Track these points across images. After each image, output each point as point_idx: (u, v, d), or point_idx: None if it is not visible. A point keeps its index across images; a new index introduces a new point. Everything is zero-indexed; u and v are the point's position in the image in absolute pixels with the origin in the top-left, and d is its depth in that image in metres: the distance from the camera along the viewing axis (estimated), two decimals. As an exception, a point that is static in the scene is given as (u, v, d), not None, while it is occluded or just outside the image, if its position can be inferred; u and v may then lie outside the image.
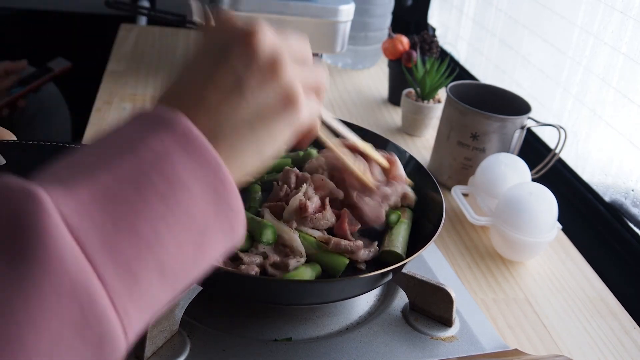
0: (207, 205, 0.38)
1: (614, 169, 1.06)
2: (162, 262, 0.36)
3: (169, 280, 0.37)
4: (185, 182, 0.37)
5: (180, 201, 0.37)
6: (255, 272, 0.68)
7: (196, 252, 0.38)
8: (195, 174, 0.38)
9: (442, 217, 0.74)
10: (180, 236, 0.37)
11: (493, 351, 0.71)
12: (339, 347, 0.68)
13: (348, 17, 1.33)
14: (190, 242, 0.38)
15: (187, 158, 0.38)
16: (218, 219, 0.39)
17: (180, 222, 0.37)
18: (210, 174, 0.39)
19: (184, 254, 0.38)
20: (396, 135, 1.30)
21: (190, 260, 0.38)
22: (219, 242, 0.40)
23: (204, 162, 0.38)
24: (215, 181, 0.39)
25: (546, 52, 1.26)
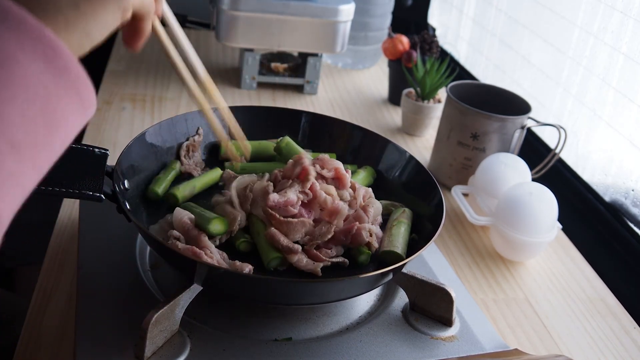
0: (42, 72, 0.38)
1: (614, 169, 1.06)
2: (10, 136, 0.36)
3: (25, 155, 0.37)
4: (12, 54, 0.37)
5: (10, 74, 0.37)
6: (249, 270, 0.69)
7: (45, 121, 0.38)
8: (20, 44, 0.37)
9: (442, 217, 0.74)
10: (22, 107, 0.37)
11: (493, 351, 0.71)
12: (339, 347, 0.68)
13: (348, 17, 1.33)
14: (35, 112, 0.38)
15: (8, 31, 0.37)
16: (58, 84, 0.39)
17: (17, 93, 0.37)
18: (36, 41, 0.38)
19: (34, 124, 0.37)
20: (396, 135, 1.30)
21: (42, 129, 0.38)
22: (69, 108, 0.40)
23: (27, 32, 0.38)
24: (43, 48, 0.38)
25: (546, 52, 1.26)
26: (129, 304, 0.68)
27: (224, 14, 1.28)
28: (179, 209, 0.74)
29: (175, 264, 0.68)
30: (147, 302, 0.66)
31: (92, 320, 0.65)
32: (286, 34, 1.31)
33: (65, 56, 0.40)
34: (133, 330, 0.62)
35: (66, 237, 0.86)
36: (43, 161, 0.39)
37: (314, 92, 1.42)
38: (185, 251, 0.67)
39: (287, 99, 1.38)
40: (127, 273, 0.73)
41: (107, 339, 0.63)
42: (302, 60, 1.42)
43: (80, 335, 0.63)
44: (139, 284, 0.72)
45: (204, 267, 0.64)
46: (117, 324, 0.65)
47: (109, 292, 0.70)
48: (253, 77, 1.38)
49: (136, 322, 0.61)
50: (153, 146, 0.83)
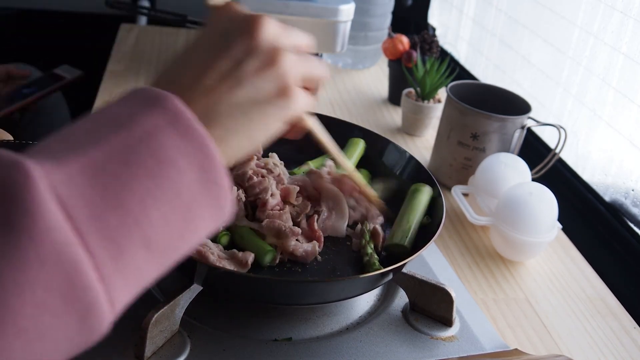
0: (194, 181, 0.39)
1: (614, 169, 1.06)
2: (148, 236, 0.37)
3: (155, 254, 0.38)
4: (173, 158, 0.38)
5: (167, 177, 0.38)
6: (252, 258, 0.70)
7: (183, 227, 0.39)
8: (182, 151, 0.39)
9: (442, 217, 0.74)
10: (167, 211, 0.38)
11: (493, 351, 0.71)
12: (339, 347, 0.68)
13: (348, 17, 1.33)
14: (177, 217, 0.39)
15: (175, 135, 0.39)
16: (205, 194, 0.40)
17: (167, 197, 0.38)
18: (197, 150, 0.39)
19: (171, 229, 0.38)
20: (396, 135, 1.30)
21: (177, 235, 0.39)
22: (207, 218, 0.41)
23: (191, 139, 0.39)
24: (202, 158, 0.40)
25: (546, 52, 1.26)
26: (129, 303, 0.68)
27: (224, 14, 1.28)
28: None
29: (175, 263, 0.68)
30: (147, 302, 0.66)
31: (92, 320, 0.65)
32: (286, 34, 1.31)
33: (219, 169, 0.41)
34: (133, 330, 0.62)
35: (66, 237, 0.86)
36: (168, 263, 0.40)
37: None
38: (188, 251, 0.67)
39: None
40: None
41: (107, 339, 0.63)
42: (302, 60, 1.41)
43: (80, 335, 0.63)
44: (139, 284, 0.72)
45: (204, 267, 0.64)
46: (117, 324, 0.65)
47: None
48: (253, 77, 1.38)
49: (136, 322, 0.61)
50: (153, 146, 0.82)
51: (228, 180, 0.42)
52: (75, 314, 0.34)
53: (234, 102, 0.44)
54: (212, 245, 0.71)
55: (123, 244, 0.36)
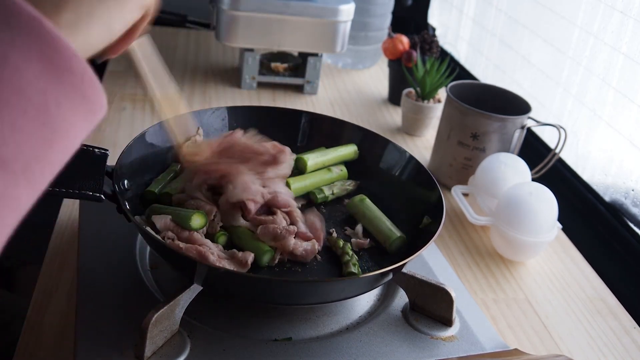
0: (38, 74, 0.33)
1: (614, 169, 1.06)
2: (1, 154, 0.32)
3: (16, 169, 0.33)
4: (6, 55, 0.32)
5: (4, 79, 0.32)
6: (252, 258, 0.70)
7: (42, 131, 0.34)
8: (13, 42, 0.33)
9: (442, 217, 0.74)
10: (11, 117, 0.32)
11: (493, 351, 0.71)
12: (339, 347, 0.68)
13: (348, 17, 1.33)
14: (28, 121, 0.33)
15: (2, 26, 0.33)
16: (58, 87, 0.34)
17: (6, 101, 0.32)
18: (32, 37, 0.33)
19: (25, 136, 0.33)
20: (396, 135, 1.30)
21: (37, 142, 0.34)
22: (72, 114, 0.35)
23: (20, 26, 0.33)
24: (40, 45, 0.33)
25: (546, 52, 1.26)
26: (129, 304, 0.68)
27: (224, 14, 1.28)
28: (155, 215, 0.73)
29: (175, 264, 0.68)
30: (147, 302, 0.66)
31: (92, 320, 0.65)
32: (286, 34, 1.31)
33: (67, 53, 0.35)
34: (133, 330, 0.62)
35: (66, 237, 0.86)
36: (40, 177, 0.35)
37: (314, 92, 1.42)
38: (190, 251, 0.67)
39: (287, 99, 1.38)
40: (127, 273, 0.73)
41: (107, 339, 0.63)
42: (302, 60, 1.42)
43: (80, 335, 0.63)
44: (139, 284, 0.72)
45: (204, 267, 0.64)
46: (117, 324, 0.65)
47: (109, 292, 0.70)
48: (253, 77, 1.38)
49: (136, 322, 0.61)
50: (153, 146, 0.83)
51: (86, 64, 0.36)
52: None
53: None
54: (212, 245, 0.71)
55: None
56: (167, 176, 0.81)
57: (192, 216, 0.72)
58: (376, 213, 0.82)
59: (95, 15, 0.40)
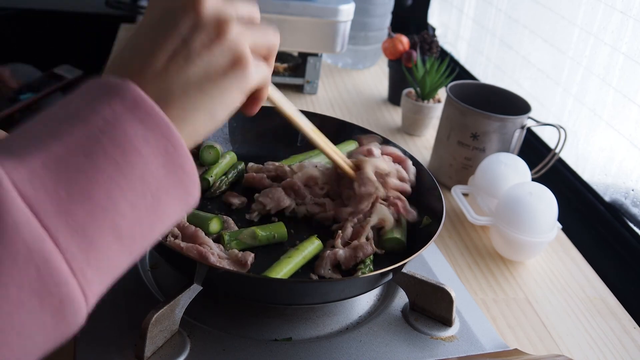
0: (159, 168, 0.39)
1: (614, 169, 1.06)
2: (117, 225, 0.37)
3: (125, 243, 0.38)
4: (136, 146, 0.38)
5: (132, 165, 0.38)
6: (252, 259, 0.71)
7: (151, 214, 0.39)
8: (146, 138, 0.38)
9: (442, 217, 0.74)
10: (134, 199, 0.38)
11: (493, 351, 0.71)
12: (339, 347, 0.68)
13: (348, 17, 1.33)
14: (145, 205, 0.38)
15: (137, 123, 0.38)
16: (171, 180, 0.40)
17: (133, 185, 0.38)
18: (161, 136, 0.39)
19: (139, 217, 0.38)
20: (396, 135, 1.30)
21: (146, 223, 0.39)
22: (174, 204, 0.41)
23: (153, 126, 0.39)
24: (165, 144, 0.39)
25: (546, 52, 1.26)
26: (129, 304, 0.68)
27: (224, 14, 1.28)
28: None
29: (175, 264, 0.68)
30: (147, 302, 0.66)
31: (92, 320, 0.65)
32: (286, 34, 1.31)
33: (184, 154, 0.40)
34: (133, 330, 0.62)
35: (66, 237, 0.86)
36: (139, 250, 0.40)
37: (314, 92, 1.42)
38: (190, 251, 0.67)
39: (287, 98, 1.38)
40: (127, 273, 0.72)
41: (107, 339, 0.63)
42: (302, 60, 1.42)
43: (80, 335, 0.63)
44: (139, 284, 0.72)
45: (204, 267, 0.64)
46: (117, 324, 0.65)
47: (109, 292, 0.69)
48: (253, 77, 1.38)
49: (136, 322, 0.61)
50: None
51: (193, 163, 0.41)
52: (50, 309, 0.34)
53: (186, 79, 0.43)
54: (212, 245, 0.71)
55: (92, 235, 0.36)
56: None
57: (212, 221, 0.74)
58: None
59: (199, 108, 0.44)
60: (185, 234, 0.71)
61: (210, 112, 0.45)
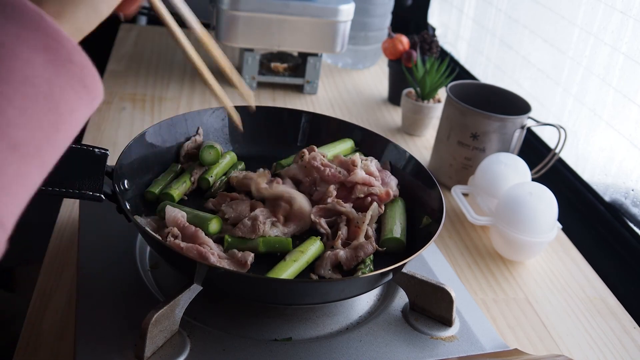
0: (44, 66, 0.36)
1: (614, 169, 1.06)
2: (11, 137, 0.34)
3: (27, 152, 0.35)
4: (11, 47, 0.35)
5: (11, 69, 0.35)
6: (252, 258, 0.70)
7: (49, 116, 0.37)
8: (18, 36, 0.35)
9: (442, 217, 0.74)
10: (25, 105, 0.35)
11: (493, 351, 0.71)
12: (339, 347, 0.68)
13: (348, 17, 1.33)
14: (38, 108, 0.36)
15: (5, 22, 0.35)
16: (62, 77, 0.37)
17: (17, 91, 0.35)
18: (36, 32, 0.36)
19: (35, 122, 0.36)
20: (396, 135, 1.30)
21: (47, 127, 0.36)
22: (74, 100, 0.38)
23: (25, 21, 0.36)
24: (43, 38, 0.36)
25: (546, 52, 1.26)
26: (129, 304, 0.68)
27: (224, 14, 1.28)
28: (169, 207, 0.74)
29: (175, 263, 0.68)
30: (147, 302, 0.66)
31: (92, 320, 0.65)
32: (286, 34, 1.31)
33: (69, 45, 0.38)
34: (133, 330, 0.62)
35: (66, 237, 0.86)
36: (47, 159, 0.38)
37: (314, 92, 1.42)
38: (190, 251, 0.67)
39: (287, 98, 1.38)
40: (127, 273, 0.73)
41: (107, 339, 0.63)
42: (302, 60, 1.42)
43: (80, 335, 0.63)
44: (139, 284, 0.72)
45: (204, 267, 0.64)
46: (117, 324, 0.65)
47: (109, 292, 0.70)
48: (253, 77, 1.38)
49: (136, 322, 0.61)
50: (153, 146, 0.83)
51: (84, 55, 0.39)
52: None
53: None
54: (212, 245, 0.71)
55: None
56: (168, 176, 0.81)
57: (211, 221, 0.74)
58: (395, 212, 0.82)
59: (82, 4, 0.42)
60: (185, 234, 0.71)
61: (91, 5, 0.43)
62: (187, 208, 0.76)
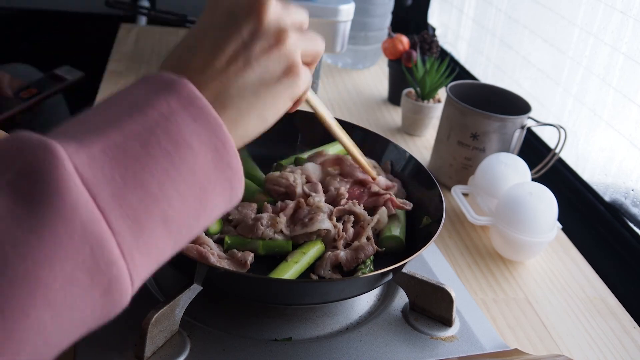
0: (208, 163, 0.41)
1: (614, 169, 1.06)
2: (166, 214, 0.39)
3: (172, 232, 0.40)
4: (188, 141, 0.40)
5: (183, 158, 0.40)
6: (252, 258, 0.70)
7: (198, 207, 0.41)
8: (197, 134, 0.40)
9: (442, 217, 0.74)
10: (183, 190, 0.40)
11: (493, 351, 0.71)
12: (339, 347, 0.68)
13: (348, 17, 1.33)
14: (192, 197, 0.40)
15: (190, 119, 0.40)
16: (218, 176, 0.42)
17: (183, 177, 0.40)
18: (211, 134, 0.41)
19: (187, 208, 0.40)
20: (396, 135, 1.30)
21: (193, 214, 0.41)
22: (219, 198, 0.43)
23: (205, 123, 0.41)
24: (215, 141, 0.41)
25: (546, 52, 1.26)
26: (129, 304, 0.68)
27: (224, 14, 1.28)
28: None
29: (175, 263, 0.68)
30: (147, 302, 0.66)
31: (92, 320, 0.65)
32: (286, 34, 1.31)
33: (232, 152, 0.42)
34: (133, 330, 0.62)
35: (66, 237, 0.86)
36: (183, 240, 0.42)
37: (314, 92, 1.42)
38: (190, 251, 0.67)
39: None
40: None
41: (107, 339, 0.63)
42: (302, 60, 1.41)
43: (80, 335, 0.63)
44: (139, 284, 0.71)
45: (204, 267, 0.64)
46: (117, 324, 0.65)
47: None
48: (253, 77, 1.38)
49: (136, 322, 0.61)
50: (153, 146, 0.82)
51: (239, 162, 0.43)
52: (99, 287, 0.36)
53: (244, 83, 0.45)
54: (212, 245, 0.71)
55: (143, 221, 0.38)
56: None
57: None
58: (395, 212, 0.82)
59: (252, 111, 0.46)
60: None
61: (262, 116, 0.47)
62: None
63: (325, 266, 0.72)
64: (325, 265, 0.72)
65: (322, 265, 0.72)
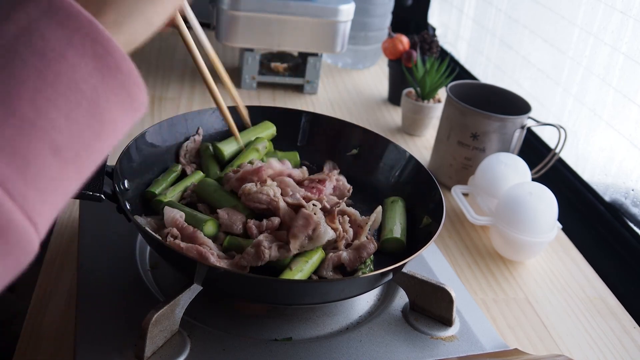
0: (92, 73, 0.36)
1: (614, 169, 1.06)
2: (54, 140, 0.34)
3: (68, 158, 0.35)
4: (59, 51, 0.35)
5: (57, 72, 0.35)
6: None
7: (92, 123, 0.36)
8: (69, 41, 0.35)
9: (442, 217, 0.74)
10: (67, 110, 0.35)
11: (493, 351, 0.71)
12: (339, 347, 0.68)
13: (348, 17, 1.33)
14: (81, 114, 0.36)
15: (56, 25, 0.35)
16: (108, 85, 0.37)
17: (62, 94, 0.35)
18: (87, 38, 0.36)
19: (79, 128, 0.36)
20: (396, 135, 1.30)
21: (89, 133, 0.36)
22: (117, 109, 0.38)
23: (77, 28, 0.36)
24: (95, 46, 0.36)
25: (546, 52, 1.26)
26: (129, 304, 0.68)
27: (224, 14, 1.28)
28: (168, 207, 0.74)
29: (175, 263, 0.68)
30: (147, 302, 0.66)
31: (92, 320, 0.65)
32: (286, 34, 1.31)
33: (117, 54, 0.38)
34: (133, 330, 0.62)
35: (66, 237, 0.86)
36: (87, 165, 0.37)
37: (314, 92, 1.42)
38: (190, 251, 0.67)
39: (287, 98, 1.38)
40: (127, 273, 0.73)
41: (107, 339, 0.63)
42: (302, 60, 1.42)
43: (80, 335, 0.63)
44: (139, 284, 0.72)
45: (204, 267, 0.64)
46: (117, 324, 0.65)
47: (109, 292, 0.70)
48: (253, 76, 1.38)
49: (136, 322, 0.61)
50: (153, 146, 0.83)
51: (131, 64, 0.39)
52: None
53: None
54: (212, 245, 0.71)
55: (25, 153, 0.33)
56: (168, 177, 0.81)
57: (207, 222, 0.73)
58: (395, 212, 0.82)
59: (136, 13, 0.42)
60: (184, 234, 0.71)
61: (147, 18, 0.43)
62: (187, 208, 0.76)
63: (327, 267, 0.72)
64: (327, 267, 0.72)
65: (324, 266, 0.72)
